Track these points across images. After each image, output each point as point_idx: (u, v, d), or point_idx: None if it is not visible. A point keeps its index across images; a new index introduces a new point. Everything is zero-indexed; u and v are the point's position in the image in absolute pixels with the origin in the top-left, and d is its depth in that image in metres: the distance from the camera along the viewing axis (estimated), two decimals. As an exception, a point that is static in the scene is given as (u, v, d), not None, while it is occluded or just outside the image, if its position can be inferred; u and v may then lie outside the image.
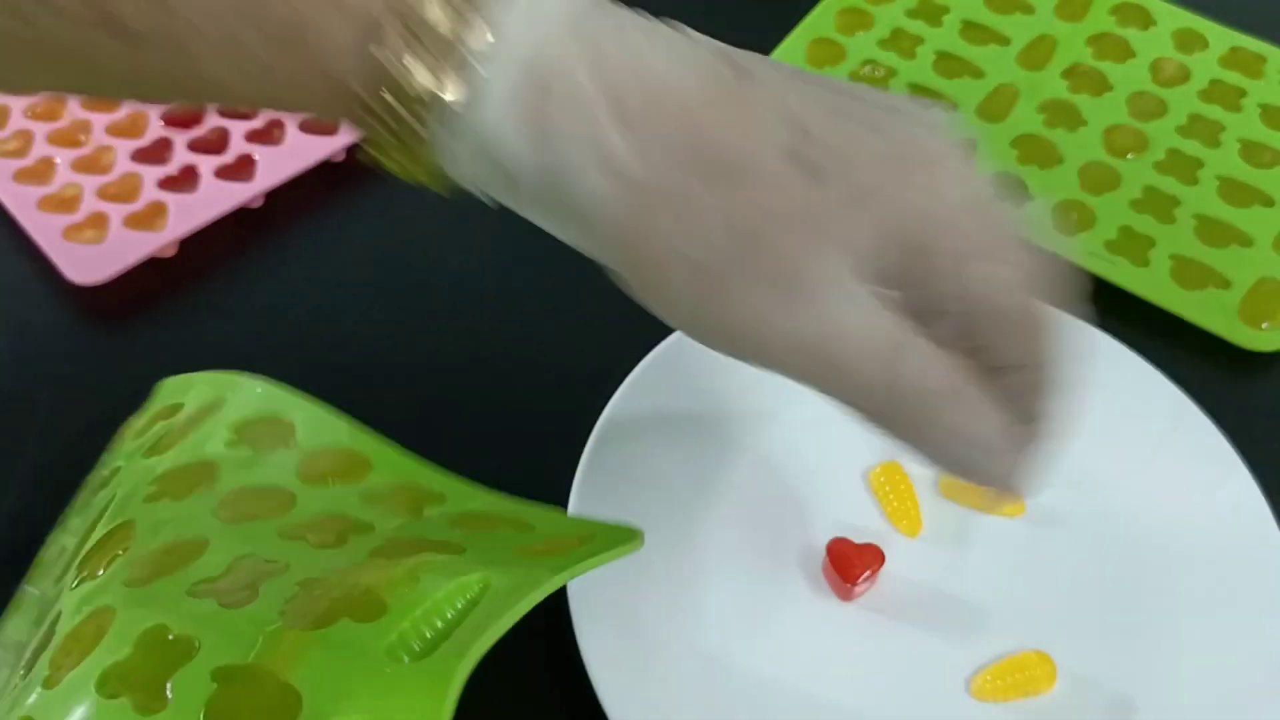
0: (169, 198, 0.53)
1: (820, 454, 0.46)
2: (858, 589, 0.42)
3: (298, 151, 0.55)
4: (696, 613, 0.42)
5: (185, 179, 0.54)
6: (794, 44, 0.61)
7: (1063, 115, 0.58)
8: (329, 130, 0.56)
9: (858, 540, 0.42)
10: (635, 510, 0.43)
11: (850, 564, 0.42)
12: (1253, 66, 0.61)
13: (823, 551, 0.42)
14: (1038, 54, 0.61)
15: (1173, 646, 0.41)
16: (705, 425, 0.46)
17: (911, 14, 0.63)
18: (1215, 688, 0.40)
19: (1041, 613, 0.42)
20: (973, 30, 0.62)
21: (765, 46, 0.60)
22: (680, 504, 0.44)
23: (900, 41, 0.62)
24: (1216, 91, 0.60)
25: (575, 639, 0.38)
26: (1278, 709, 0.39)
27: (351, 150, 0.56)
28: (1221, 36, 0.62)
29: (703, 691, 0.40)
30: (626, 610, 0.40)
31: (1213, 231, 0.54)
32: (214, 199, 0.53)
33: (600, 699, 0.38)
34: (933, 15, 0.63)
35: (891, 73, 0.60)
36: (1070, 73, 0.60)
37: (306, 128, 0.56)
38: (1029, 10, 0.63)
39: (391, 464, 0.40)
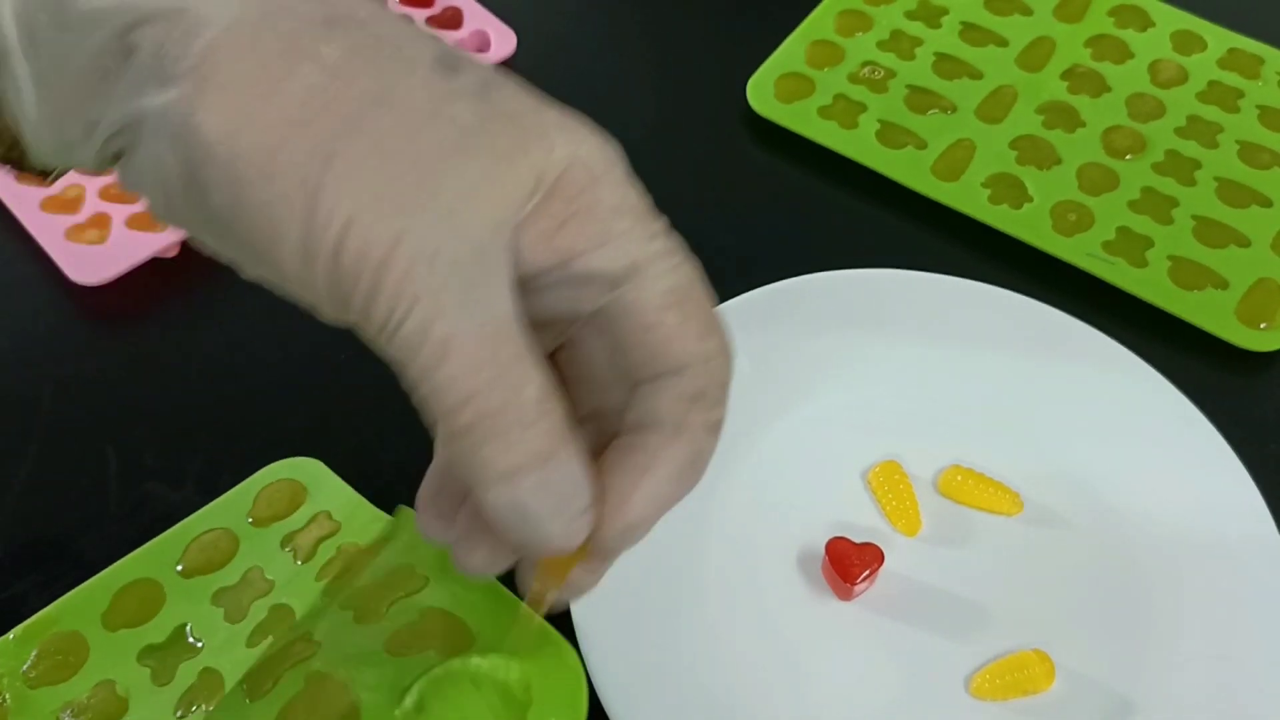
0: (171, 198, 0.53)
1: (819, 454, 0.46)
2: (857, 588, 0.42)
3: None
4: (697, 612, 0.42)
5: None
6: (793, 46, 0.61)
7: (1061, 116, 0.59)
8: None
9: (857, 540, 0.43)
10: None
11: (850, 563, 0.42)
12: (1250, 68, 0.61)
13: (822, 551, 0.43)
14: (1036, 55, 0.61)
15: (1170, 645, 0.41)
16: (705, 425, 0.46)
17: (910, 15, 0.63)
18: (1213, 687, 0.40)
19: (1040, 612, 0.42)
20: (972, 32, 0.62)
21: (765, 48, 0.61)
22: (680, 504, 0.44)
23: (899, 43, 0.62)
24: (1214, 93, 0.60)
25: (577, 638, 0.39)
26: (1276, 709, 0.40)
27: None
28: (1219, 38, 0.63)
29: (703, 690, 0.40)
30: (627, 609, 0.40)
31: (1211, 232, 0.54)
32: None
33: (602, 698, 0.38)
34: (932, 17, 0.63)
35: (891, 74, 0.60)
36: (1069, 74, 0.61)
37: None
38: (1028, 12, 0.64)
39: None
